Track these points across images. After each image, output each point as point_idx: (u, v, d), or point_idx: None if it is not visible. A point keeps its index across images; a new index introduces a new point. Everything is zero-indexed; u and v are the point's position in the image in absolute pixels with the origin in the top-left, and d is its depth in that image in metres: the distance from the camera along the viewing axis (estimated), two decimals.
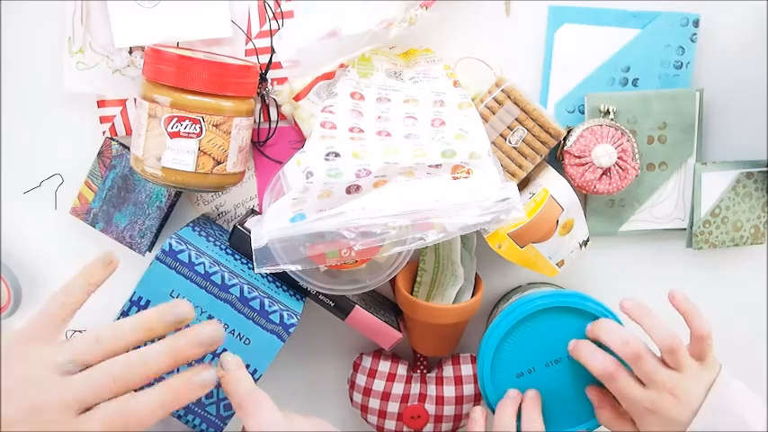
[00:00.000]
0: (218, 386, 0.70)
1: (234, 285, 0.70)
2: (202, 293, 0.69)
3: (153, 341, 0.62)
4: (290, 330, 0.71)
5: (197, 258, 0.69)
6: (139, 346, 0.62)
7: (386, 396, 0.83)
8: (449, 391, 0.83)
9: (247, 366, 0.70)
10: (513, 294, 0.83)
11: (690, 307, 0.72)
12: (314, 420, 0.69)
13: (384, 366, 0.84)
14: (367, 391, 0.83)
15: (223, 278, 0.70)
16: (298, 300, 0.76)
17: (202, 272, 0.69)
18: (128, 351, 0.61)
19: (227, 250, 0.76)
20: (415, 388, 0.84)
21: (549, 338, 0.76)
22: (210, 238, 0.76)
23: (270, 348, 0.71)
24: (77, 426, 0.59)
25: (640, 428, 0.72)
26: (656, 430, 0.71)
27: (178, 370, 0.63)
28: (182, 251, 0.69)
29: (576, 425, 0.77)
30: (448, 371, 0.84)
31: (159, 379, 0.61)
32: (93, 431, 0.59)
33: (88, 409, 0.61)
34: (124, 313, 0.69)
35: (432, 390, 0.84)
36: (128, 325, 0.62)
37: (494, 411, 0.77)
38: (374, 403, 0.83)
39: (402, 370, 0.84)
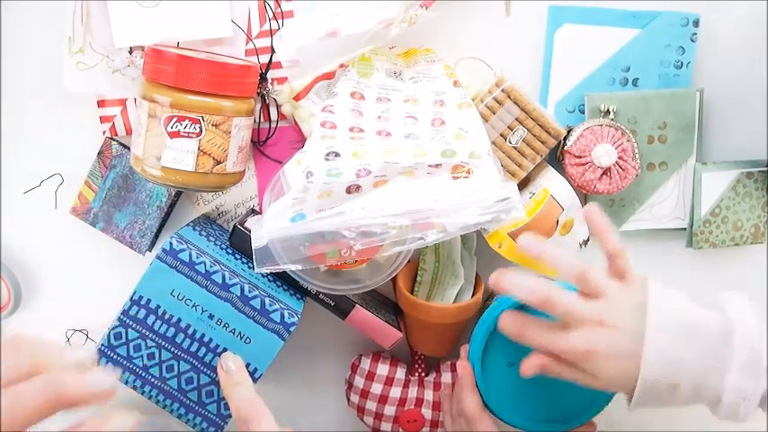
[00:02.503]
0: (219, 385, 0.71)
1: (234, 284, 0.71)
2: (203, 292, 0.70)
3: None
4: (291, 329, 0.72)
5: (198, 258, 0.70)
6: None
7: (383, 399, 0.84)
8: None
9: (248, 365, 0.71)
10: None
11: (603, 224, 0.68)
12: None
13: (383, 369, 0.84)
14: (364, 393, 0.84)
15: (224, 277, 0.70)
16: (298, 299, 0.77)
17: (203, 271, 0.70)
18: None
19: (228, 250, 0.77)
20: (413, 392, 0.84)
21: None
22: (211, 238, 0.77)
23: (270, 347, 0.72)
24: None
25: (590, 370, 0.65)
26: (609, 371, 0.64)
27: None
28: (182, 250, 0.70)
29: (566, 417, 0.78)
30: (446, 377, 0.85)
31: None
32: None
33: None
34: (125, 312, 0.70)
35: (429, 395, 0.85)
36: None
37: (484, 399, 0.77)
38: (371, 405, 0.84)
39: (400, 373, 0.85)
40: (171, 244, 0.70)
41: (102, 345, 0.71)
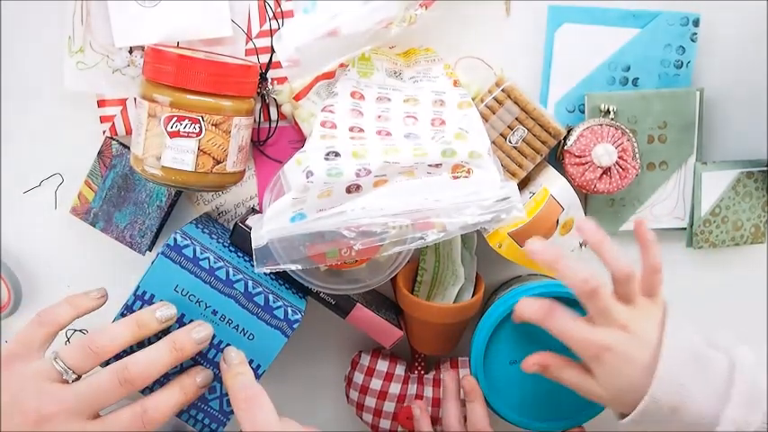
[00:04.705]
0: (222, 382, 0.72)
1: (238, 281, 0.71)
2: (207, 288, 0.71)
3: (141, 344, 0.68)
4: (294, 326, 0.73)
5: (202, 254, 0.71)
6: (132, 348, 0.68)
7: (382, 395, 0.84)
8: None
9: (250, 362, 0.72)
10: (513, 283, 0.85)
11: (651, 237, 0.69)
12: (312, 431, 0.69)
13: (382, 365, 0.85)
14: (364, 389, 0.85)
15: (228, 273, 0.71)
16: (300, 297, 0.78)
17: (207, 267, 0.71)
18: (121, 351, 0.66)
19: (230, 248, 0.78)
20: (412, 389, 0.85)
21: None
22: (213, 236, 0.78)
23: (273, 344, 0.73)
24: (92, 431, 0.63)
25: (597, 372, 0.68)
26: (617, 378, 0.67)
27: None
28: (186, 246, 0.71)
29: (569, 416, 0.79)
30: (446, 375, 0.86)
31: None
32: None
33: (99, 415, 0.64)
34: (128, 307, 0.71)
35: (428, 391, 0.85)
36: (118, 326, 0.67)
37: (486, 397, 0.79)
38: (370, 402, 0.85)
39: (400, 370, 0.86)
40: (175, 240, 0.71)
41: None
